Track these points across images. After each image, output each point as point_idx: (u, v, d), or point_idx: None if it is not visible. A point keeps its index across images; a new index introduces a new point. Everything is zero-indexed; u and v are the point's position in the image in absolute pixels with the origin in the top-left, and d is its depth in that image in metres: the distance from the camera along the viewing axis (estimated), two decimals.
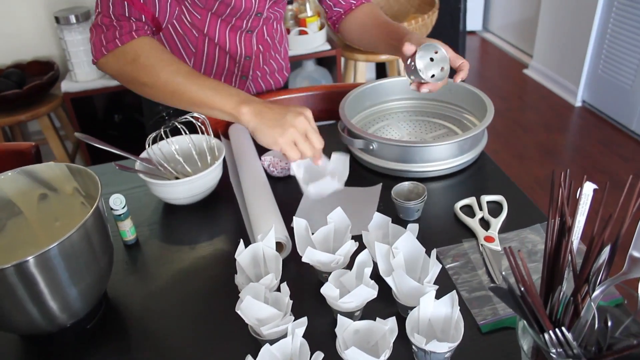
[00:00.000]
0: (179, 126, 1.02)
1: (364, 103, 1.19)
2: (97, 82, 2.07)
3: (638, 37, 2.56)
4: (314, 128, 0.81)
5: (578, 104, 3.03)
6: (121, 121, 2.38)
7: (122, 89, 2.10)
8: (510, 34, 3.82)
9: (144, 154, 1.05)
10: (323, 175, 0.86)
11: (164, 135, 1.03)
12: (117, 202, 0.92)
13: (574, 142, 2.74)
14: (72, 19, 1.98)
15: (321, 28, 2.08)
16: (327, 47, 2.08)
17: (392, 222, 0.79)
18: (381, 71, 2.59)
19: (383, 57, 2.07)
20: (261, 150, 1.12)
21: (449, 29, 2.60)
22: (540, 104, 3.10)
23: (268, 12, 1.13)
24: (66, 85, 2.09)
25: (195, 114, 1.03)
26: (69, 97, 2.08)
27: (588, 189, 0.59)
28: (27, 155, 1.25)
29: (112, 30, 0.91)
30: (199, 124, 1.05)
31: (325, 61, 2.27)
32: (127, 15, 0.92)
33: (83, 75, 2.09)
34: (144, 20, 0.93)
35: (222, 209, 1.00)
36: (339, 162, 0.88)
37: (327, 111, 1.28)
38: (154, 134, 1.02)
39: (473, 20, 4.03)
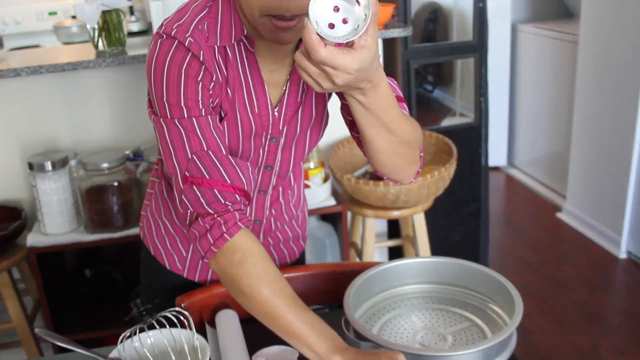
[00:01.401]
0: (156, 324, 1.03)
1: (372, 289, 1.21)
2: (68, 236, 2.11)
3: None
4: None
5: (622, 255, 3.04)
6: (93, 277, 2.40)
7: (96, 244, 2.13)
8: (539, 170, 3.94)
9: (114, 353, 1.04)
10: None
11: (138, 334, 1.03)
12: None
13: (621, 303, 2.72)
14: (48, 166, 2.07)
15: (325, 180, 2.16)
16: (332, 202, 2.15)
17: None
18: (394, 228, 2.65)
19: (396, 213, 2.13)
20: (252, 347, 1.11)
21: (468, 171, 2.69)
22: (578, 255, 3.11)
23: (282, 168, 1.19)
24: (33, 239, 2.12)
25: (177, 309, 1.04)
26: (35, 252, 2.11)
27: None
28: None
29: (216, 226, 0.99)
30: (182, 317, 1.06)
31: (329, 217, 2.34)
32: (223, 202, 1.00)
33: (54, 228, 2.14)
34: (239, 200, 1.02)
35: None
36: None
37: (332, 294, 1.30)
38: (128, 332, 1.02)
39: (496, 155, 4.17)
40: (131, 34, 3.26)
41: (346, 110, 1.08)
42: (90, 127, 2.34)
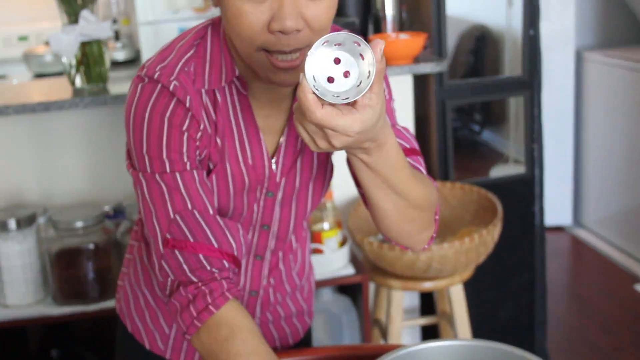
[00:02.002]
0: None
1: None
2: (33, 309, 2.17)
3: None
4: None
5: None
6: (61, 358, 2.44)
7: (66, 318, 2.19)
8: (613, 231, 3.92)
9: None
10: None
11: None
12: None
13: None
14: (11, 224, 2.14)
15: (342, 244, 2.21)
16: (351, 270, 2.19)
17: None
18: (428, 303, 2.68)
19: (428, 285, 2.17)
20: None
21: (519, 232, 2.71)
22: None
23: (281, 228, 1.25)
24: None
25: None
26: None
27: None
28: None
29: (200, 296, 1.05)
30: None
31: (348, 288, 2.38)
32: (208, 268, 1.06)
33: (16, 298, 2.20)
34: (227, 266, 1.08)
35: None
36: None
37: None
38: None
39: (559, 211, 4.17)
40: (115, 64, 3.36)
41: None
42: (63, 178, 2.40)
